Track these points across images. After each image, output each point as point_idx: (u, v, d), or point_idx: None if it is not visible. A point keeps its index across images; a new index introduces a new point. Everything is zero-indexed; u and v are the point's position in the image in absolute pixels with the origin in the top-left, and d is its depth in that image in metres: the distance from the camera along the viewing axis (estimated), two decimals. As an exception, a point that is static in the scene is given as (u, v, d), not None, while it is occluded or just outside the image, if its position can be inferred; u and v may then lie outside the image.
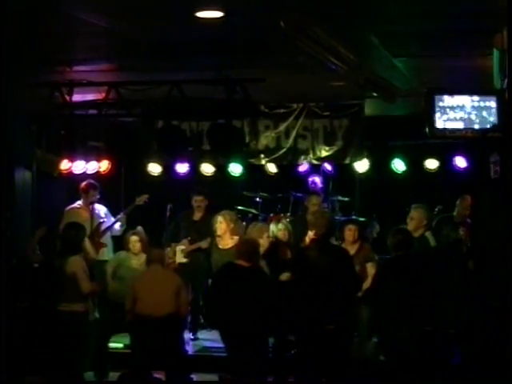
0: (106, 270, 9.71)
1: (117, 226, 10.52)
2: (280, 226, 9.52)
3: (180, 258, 10.49)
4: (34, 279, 8.77)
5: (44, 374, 8.28)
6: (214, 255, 9.98)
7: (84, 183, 10.70)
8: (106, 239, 10.46)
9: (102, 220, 10.47)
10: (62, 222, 10.38)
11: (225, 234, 9.85)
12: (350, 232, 9.16)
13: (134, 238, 9.63)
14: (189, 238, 10.48)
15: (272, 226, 9.72)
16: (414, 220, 9.28)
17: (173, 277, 8.78)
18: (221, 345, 8.47)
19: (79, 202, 10.68)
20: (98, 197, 10.61)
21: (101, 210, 10.64)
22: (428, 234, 9.29)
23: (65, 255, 8.40)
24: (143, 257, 9.35)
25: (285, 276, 8.70)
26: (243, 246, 8.19)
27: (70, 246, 8.43)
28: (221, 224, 9.84)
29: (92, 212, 10.20)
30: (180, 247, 10.49)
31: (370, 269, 9.10)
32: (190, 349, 9.69)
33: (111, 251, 10.45)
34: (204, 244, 10.34)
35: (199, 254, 10.41)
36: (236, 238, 9.70)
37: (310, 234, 8.33)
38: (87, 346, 8.56)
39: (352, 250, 9.10)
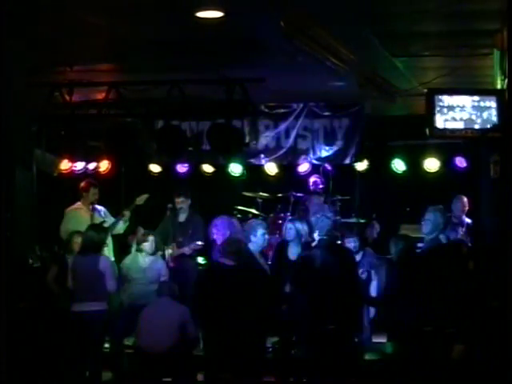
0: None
1: (120, 223, 10.49)
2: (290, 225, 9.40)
3: (169, 262, 10.40)
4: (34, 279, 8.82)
5: (58, 375, 8.32)
6: None
7: (84, 182, 10.68)
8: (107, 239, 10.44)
9: (102, 220, 10.46)
10: (63, 223, 10.38)
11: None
12: (349, 244, 9.12)
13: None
14: (174, 243, 10.21)
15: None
16: (430, 222, 8.77)
17: (179, 309, 8.26)
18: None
19: (79, 203, 10.66)
20: (98, 195, 10.60)
21: (101, 210, 10.63)
22: (442, 238, 8.96)
23: (87, 254, 8.38)
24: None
25: None
26: (228, 245, 8.15)
27: (94, 246, 8.43)
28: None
29: (92, 212, 10.18)
30: (168, 251, 10.38)
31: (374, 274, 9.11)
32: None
33: (111, 251, 10.43)
34: (187, 250, 10.16)
35: (187, 257, 10.22)
36: None
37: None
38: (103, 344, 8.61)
39: (357, 257, 9.03)
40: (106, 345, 9.50)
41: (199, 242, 9.99)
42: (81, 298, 8.27)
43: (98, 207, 10.56)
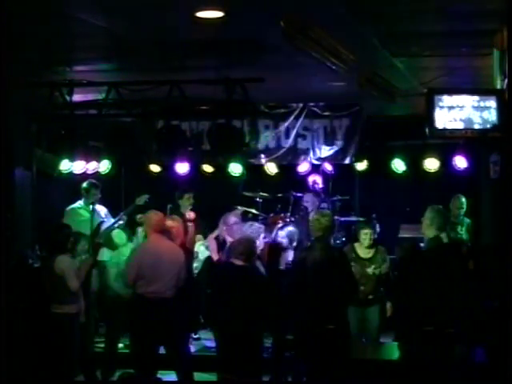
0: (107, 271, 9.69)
1: (117, 226, 10.49)
2: (282, 233, 9.53)
3: None
4: (34, 279, 8.81)
5: (37, 376, 8.28)
6: None
7: (86, 182, 10.69)
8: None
9: (102, 220, 10.46)
10: (63, 221, 10.37)
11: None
12: (365, 236, 8.99)
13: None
14: None
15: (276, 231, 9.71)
16: (430, 221, 8.77)
17: (180, 251, 8.49)
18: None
19: (80, 202, 10.66)
20: (99, 196, 10.60)
21: (101, 210, 10.62)
22: (443, 236, 8.93)
23: (53, 255, 8.38)
24: None
25: None
26: (239, 245, 8.15)
27: (58, 246, 8.40)
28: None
29: (92, 212, 10.18)
30: None
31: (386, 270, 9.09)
32: (191, 348, 9.67)
33: (111, 252, 10.42)
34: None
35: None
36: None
37: None
38: (77, 348, 8.44)
39: (369, 253, 8.93)
40: (102, 345, 9.52)
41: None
42: (52, 300, 8.25)
43: (99, 207, 10.56)
